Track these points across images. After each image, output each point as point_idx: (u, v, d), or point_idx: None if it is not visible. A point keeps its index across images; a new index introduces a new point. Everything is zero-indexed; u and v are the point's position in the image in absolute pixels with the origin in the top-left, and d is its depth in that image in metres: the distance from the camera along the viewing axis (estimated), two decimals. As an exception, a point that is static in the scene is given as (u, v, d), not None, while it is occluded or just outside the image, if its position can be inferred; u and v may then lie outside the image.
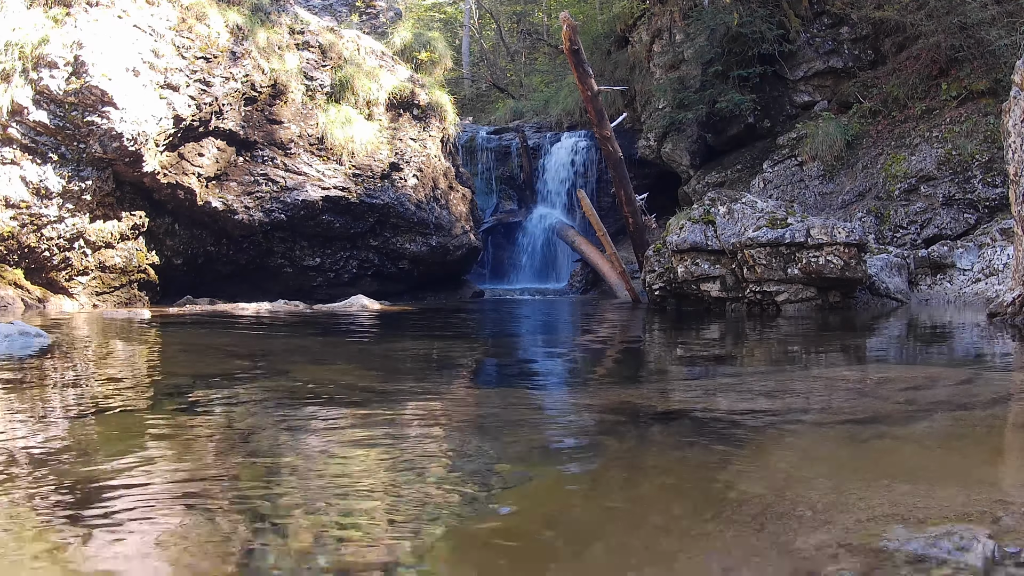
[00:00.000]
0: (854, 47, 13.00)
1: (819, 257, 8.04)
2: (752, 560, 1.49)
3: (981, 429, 2.64)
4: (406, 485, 2.11)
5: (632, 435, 2.68)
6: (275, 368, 4.49)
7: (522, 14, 26.21)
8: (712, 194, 9.98)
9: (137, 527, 1.77)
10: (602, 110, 11.45)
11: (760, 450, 2.38)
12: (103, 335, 6.29)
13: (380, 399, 3.42)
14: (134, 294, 9.82)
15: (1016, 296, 5.96)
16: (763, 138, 13.55)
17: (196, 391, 3.62)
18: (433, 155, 12.19)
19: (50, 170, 8.51)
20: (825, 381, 3.64)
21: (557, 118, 17.45)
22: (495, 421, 3.01)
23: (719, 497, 1.92)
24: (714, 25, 13.09)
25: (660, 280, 9.28)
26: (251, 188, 10.27)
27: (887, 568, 1.37)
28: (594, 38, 17.02)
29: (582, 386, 4.09)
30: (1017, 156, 5.83)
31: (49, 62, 8.33)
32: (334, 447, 2.54)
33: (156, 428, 2.81)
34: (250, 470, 2.25)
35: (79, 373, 4.25)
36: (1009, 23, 10.71)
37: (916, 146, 11.01)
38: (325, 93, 11.07)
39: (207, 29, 9.57)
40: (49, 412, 3.11)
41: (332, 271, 11.50)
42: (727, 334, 6.65)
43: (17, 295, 8.62)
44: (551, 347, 6.40)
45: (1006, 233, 8.95)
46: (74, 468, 2.23)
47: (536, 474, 2.24)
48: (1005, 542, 1.44)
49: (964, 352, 5.07)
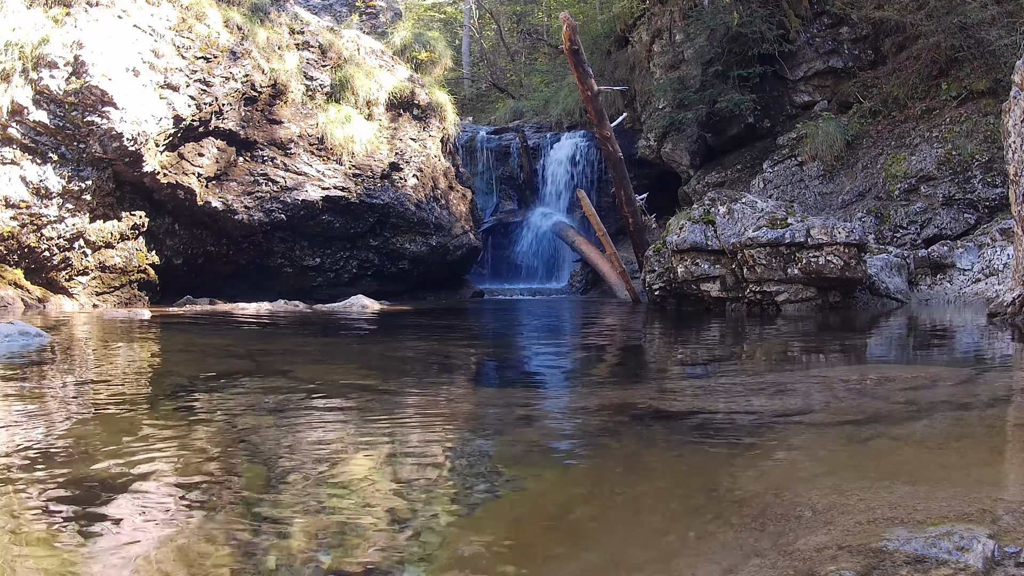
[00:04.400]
0: (854, 47, 13.00)
1: (819, 257, 8.04)
2: (752, 560, 1.49)
3: (981, 429, 2.64)
4: (406, 485, 2.11)
5: (632, 435, 2.68)
6: (275, 368, 4.49)
7: (522, 14, 26.20)
8: (712, 194, 9.98)
9: (137, 527, 1.77)
10: (602, 110, 11.45)
11: (760, 450, 2.38)
12: (103, 335, 6.29)
13: (380, 399, 3.42)
14: (134, 294, 9.82)
15: (1016, 296, 5.96)
16: (763, 138, 13.55)
17: (196, 391, 3.62)
18: (433, 155, 12.19)
19: (50, 170, 8.50)
20: (825, 381, 3.64)
21: (557, 118, 17.45)
22: (495, 421, 3.01)
23: (719, 497, 1.92)
24: (714, 25, 13.09)
25: (660, 280, 9.28)
26: (251, 188, 10.27)
27: (887, 568, 1.37)
28: (594, 38, 17.02)
29: (582, 386, 4.09)
30: (1017, 156, 5.83)
31: (49, 62, 8.32)
32: (334, 447, 2.54)
33: (156, 428, 2.81)
34: (250, 470, 2.25)
35: (79, 373, 4.25)
36: (1009, 23, 10.71)
37: (916, 146, 11.01)
38: (325, 93, 11.07)
39: (207, 29, 9.57)
40: (49, 412, 3.11)
41: (332, 271, 11.49)
42: (727, 334, 6.65)
43: (17, 295, 8.61)
44: (551, 347, 6.40)
45: (1006, 233, 8.94)
46: (74, 468, 2.23)
47: (536, 474, 2.24)
48: (1005, 542, 1.44)
49: (964, 352, 5.07)
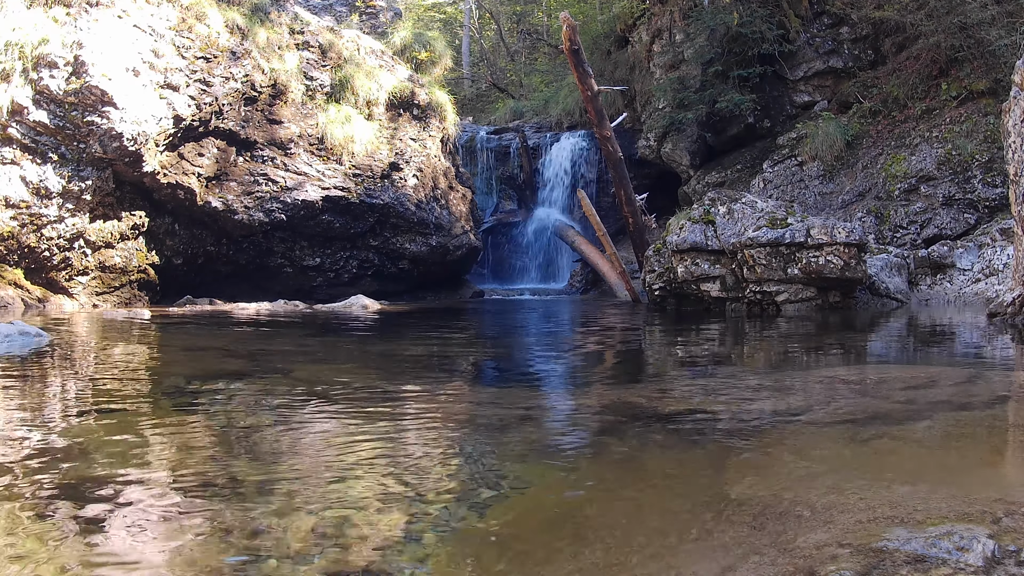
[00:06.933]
0: (854, 47, 13.00)
1: (819, 257, 8.04)
2: (752, 559, 1.49)
3: (981, 429, 2.64)
4: (406, 485, 2.11)
5: (632, 435, 2.68)
6: (275, 368, 4.49)
7: (522, 14, 26.21)
8: (712, 194, 9.98)
9: (136, 527, 1.77)
10: (602, 110, 11.45)
11: (760, 449, 2.38)
12: (103, 335, 6.29)
13: (380, 399, 3.42)
14: (134, 294, 9.82)
15: (1016, 296, 5.96)
16: (763, 138, 13.54)
17: (196, 391, 3.62)
18: (433, 155, 12.19)
19: (50, 170, 8.50)
20: (825, 381, 3.64)
21: (557, 118, 17.44)
22: (495, 420, 3.01)
23: (719, 496, 1.92)
24: (714, 25, 13.08)
25: (660, 280, 9.27)
26: (251, 188, 10.27)
27: (887, 567, 1.37)
28: (594, 38, 17.01)
29: (582, 386, 4.09)
30: (1017, 156, 5.83)
31: (49, 62, 8.32)
32: (334, 446, 2.54)
33: (156, 428, 2.81)
34: (250, 470, 2.25)
35: (79, 373, 4.25)
36: (1009, 23, 10.71)
37: (916, 146, 11.01)
38: (325, 93, 11.07)
39: (207, 29, 9.57)
40: (49, 412, 3.12)
41: (332, 271, 11.49)
42: (727, 334, 6.65)
43: (17, 295, 8.61)
44: (551, 347, 6.40)
45: (1006, 233, 8.94)
46: (74, 468, 2.23)
47: (536, 474, 2.24)
48: (1005, 542, 1.44)
49: (964, 352, 5.07)
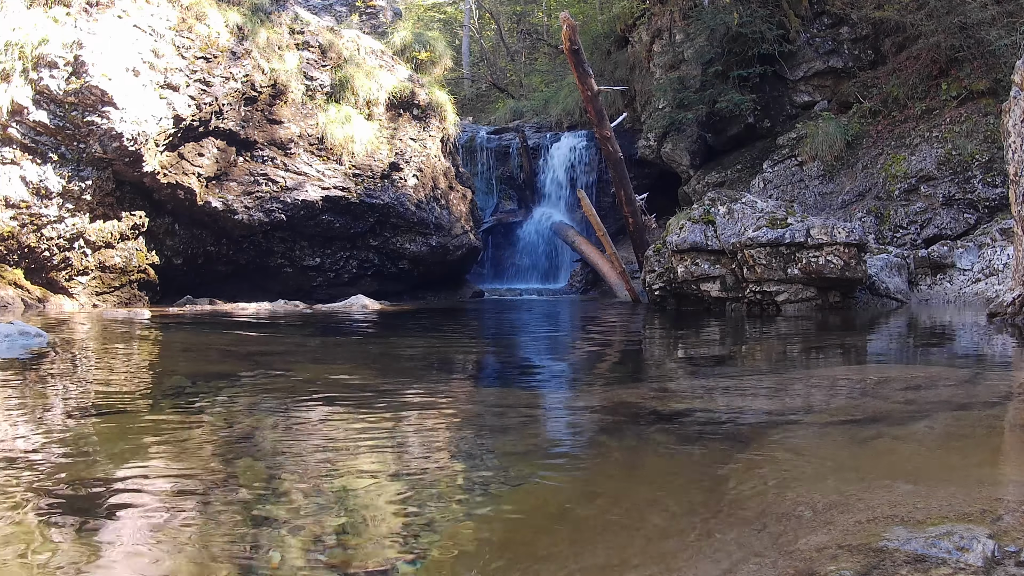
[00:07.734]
0: (854, 47, 13.00)
1: (819, 257, 8.04)
2: (752, 560, 1.49)
3: (981, 429, 2.63)
4: (406, 485, 2.11)
5: (632, 435, 2.68)
6: (275, 368, 4.49)
7: (522, 14, 26.20)
8: (712, 194, 9.98)
9: (137, 528, 1.77)
10: (602, 110, 11.45)
11: (760, 450, 2.38)
12: (103, 335, 6.29)
13: (380, 398, 3.42)
14: (134, 294, 9.82)
15: (1016, 296, 5.96)
16: (763, 138, 13.55)
17: (196, 391, 3.62)
18: (433, 155, 12.19)
19: (50, 170, 8.50)
20: (825, 381, 3.64)
21: (557, 118, 17.44)
22: (495, 420, 3.01)
23: (719, 496, 1.92)
24: (714, 25, 13.08)
25: (660, 280, 9.27)
26: (251, 188, 10.27)
27: (887, 568, 1.37)
28: (594, 38, 17.01)
29: (582, 386, 4.09)
30: (1017, 156, 5.83)
31: (49, 62, 8.32)
32: (334, 446, 2.54)
33: (156, 428, 2.81)
34: (250, 470, 2.25)
35: (79, 373, 4.24)
36: (1009, 23, 10.70)
37: (916, 146, 11.01)
38: (325, 93, 11.06)
39: (207, 29, 9.57)
40: (49, 412, 3.11)
41: (332, 271, 11.49)
42: (727, 334, 6.65)
43: (17, 295, 8.61)
44: (551, 347, 6.40)
45: (1006, 233, 8.94)
46: (74, 468, 2.23)
47: (536, 473, 2.24)
48: (1005, 542, 1.44)
49: (964, 352, 5.07)
